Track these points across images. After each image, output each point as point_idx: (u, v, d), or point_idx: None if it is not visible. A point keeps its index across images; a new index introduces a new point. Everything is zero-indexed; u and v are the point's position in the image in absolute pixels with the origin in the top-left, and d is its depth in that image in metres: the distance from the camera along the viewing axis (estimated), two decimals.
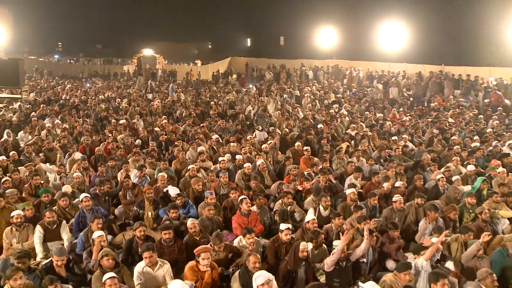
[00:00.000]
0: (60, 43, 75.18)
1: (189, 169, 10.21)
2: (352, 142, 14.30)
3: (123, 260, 6.70)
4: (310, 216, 7.64)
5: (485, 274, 5.78)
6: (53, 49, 72.18)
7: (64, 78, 36.50)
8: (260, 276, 5.29)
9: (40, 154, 12.34)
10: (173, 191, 8.86)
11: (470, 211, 8.65)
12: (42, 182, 9.52)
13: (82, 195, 8.15)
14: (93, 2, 64.32)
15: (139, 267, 6.05)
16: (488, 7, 27.77)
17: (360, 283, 5.79)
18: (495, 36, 26.83)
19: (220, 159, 11.27)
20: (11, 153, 11.62)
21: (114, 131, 14.66)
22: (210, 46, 69.24)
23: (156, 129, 15.32)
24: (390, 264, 7.06)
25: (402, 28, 33.04)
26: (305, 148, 12.38)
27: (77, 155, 11.69)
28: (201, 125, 16.56)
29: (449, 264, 6.55)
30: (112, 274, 5.44)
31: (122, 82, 35.47)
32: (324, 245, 7.03)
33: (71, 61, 54.83)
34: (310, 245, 6.68)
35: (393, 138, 14.49)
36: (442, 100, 21.65)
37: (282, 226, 6.94)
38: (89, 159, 11.80)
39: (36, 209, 8.22)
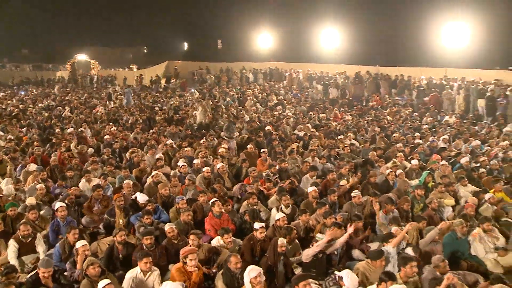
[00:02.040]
0: None
1: (153, 175, 10.33)
2: (301, 142, 14.93)
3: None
4: (280, 214, 8.06)
5: (437, 262, 6.45)
6: None
7: None
8: (253, 270, 5.70)
9: None
10: (141, 197, 8.95)
11: (419, 202, 9.52)
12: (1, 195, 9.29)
13: (58, 204, 8.09)
14: (15, 4, 60.62)
15: (133, 273, 6.16)
16: (416, 11, 29.75)
17: (336, 272, 6.27)
18: (424, 39, 28.77)
19: (180, 164, 11.45)
20: None
21: (64, 141, 14.34)
22: (145, 51, 67.90)
23: (107, 136, 15.07)
24: (356, 253, 7.65)
25: (337, 31, 34.53)
26: (262, 150, 12.81)
27: (32, 166, 11.39)
28: (151, 131, 16.59)
29: (409, 250, 7.23)
30: (108, 281, 5.55)
31: (58, 89, 34.18)
32: (296, 240, 7.53)
33: None
34: (284, 241, 7.11)
35: (339, 137, 15.29)
36: (379, 99, 22.98)
37: (257, 225, 7.34)
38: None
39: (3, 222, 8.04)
